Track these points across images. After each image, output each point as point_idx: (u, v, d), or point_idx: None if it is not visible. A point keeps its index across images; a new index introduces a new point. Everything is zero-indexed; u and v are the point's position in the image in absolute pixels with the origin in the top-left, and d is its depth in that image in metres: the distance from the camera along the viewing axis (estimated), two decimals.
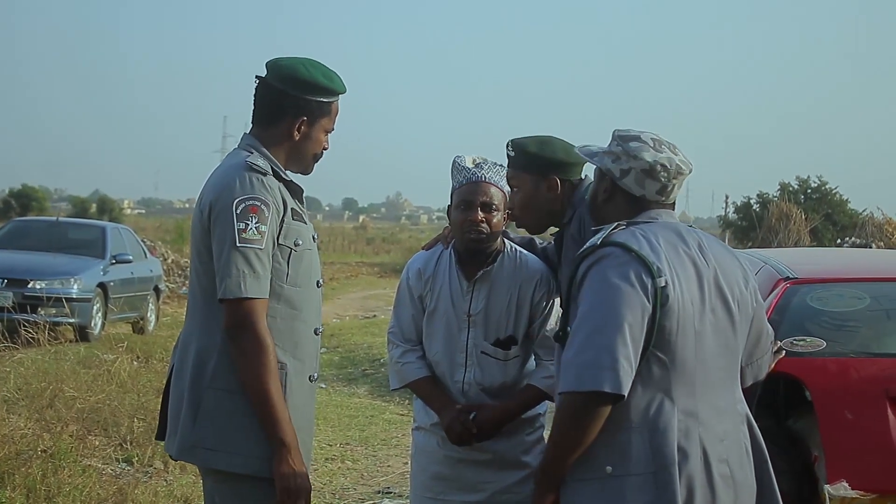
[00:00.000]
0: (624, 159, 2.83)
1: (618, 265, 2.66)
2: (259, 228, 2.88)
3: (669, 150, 2.84)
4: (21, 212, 35.52)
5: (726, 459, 2.73)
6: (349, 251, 48.10)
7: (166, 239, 28.84)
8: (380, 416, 9.47)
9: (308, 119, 3.05)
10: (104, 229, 15.64)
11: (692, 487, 2.65)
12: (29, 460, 6.06)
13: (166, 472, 6.64)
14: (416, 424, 3.78)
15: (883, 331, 4.46)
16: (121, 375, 9.12)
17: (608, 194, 2.88)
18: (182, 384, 2.98)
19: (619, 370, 2.57)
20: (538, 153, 3.54)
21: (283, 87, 3.03)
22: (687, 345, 2.68)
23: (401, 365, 3.66)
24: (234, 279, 2.85)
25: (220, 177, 2.98)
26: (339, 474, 7.25)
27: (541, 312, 3.64)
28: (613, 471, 2.65)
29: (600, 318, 2.62)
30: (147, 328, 15.68)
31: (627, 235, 2.73)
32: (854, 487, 3.91)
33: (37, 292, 12.86)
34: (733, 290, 2.80)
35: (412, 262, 3.76)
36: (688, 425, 2.67)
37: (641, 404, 2.66)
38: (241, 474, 2.91)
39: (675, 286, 2.66)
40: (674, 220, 2.87)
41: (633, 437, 2.66)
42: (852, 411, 4.04)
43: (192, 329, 3.02)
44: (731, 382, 2.82)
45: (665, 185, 2.83)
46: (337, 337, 15.58)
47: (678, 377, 2.68)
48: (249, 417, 2.89)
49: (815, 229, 23.32)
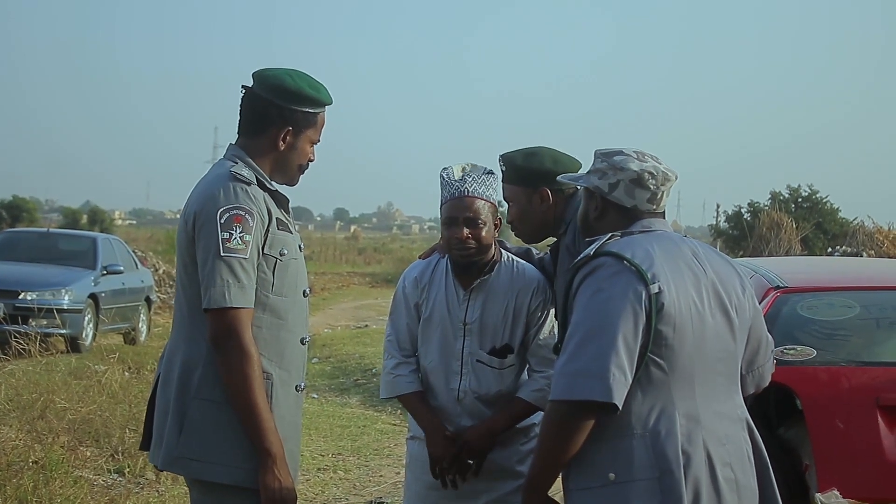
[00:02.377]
0: (611, 173, 2.87)
1: (610, 275, 2.68)
2: (243, 238, 2.88)
3: (653, 160, 2.89)
4: (11, 223, 35.39)
5: (730, 463, 2.74)
6: (340, 261, 47.99)
7: (157, 249, 28.74)
8: (372, 426, 9.46)
9: (293, 129, 3.05)
10: (95, 240, 15.64)
11: (698, 491, 2.66)
12: (20, 471, 6.05)
13: (158, 483, 6.63)
14: (410, 434, 3.78)
15: (873, 339, 4.47)
16: (112, 386, 9.10)
17: (599, 211, 2.91)
18: (168, 394, 2.97)
19: (609, 379, 2.58)
20: (525, 165, 3.56)
21: (268, 97, 3.03)
22: (686, 350, 2.69)
23: (393, 377, 3.67)
24: (219, 289, 2.84)
25: (205, 187, 2.98)
26: (332, 484, 7.25)
27: (536, 321, 3.65)
28: (617, 477, 2.66)
29: (592, 327, 2.64)
30: (138, 339, 15.66)
31: (620, 245, 2.76)
32: (845, 496, 3.92)
33: (28, 303, 12.85)
34: (731, 296, 2.82)
35: (409, 271, 3.77)
36: (690, 429, 2.68)
37: (643, 410, 2.67)
38: (226, 485, 2.90)
39: (669, 292, 2.67)
40: (668, 229, 2.90)
41: (635, 444, 2.66)
42: (843, 420, 4.05)
43: (177, 339, 3.02)
44: (731, 388, 2.84)
45: (654, 193, 2.86)
46: (329, 347, 15.55)
47: (678, 382, 2.69)
48: (235, 428, 2.88)
49: (805, 238, 23.37)
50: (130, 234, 42.18)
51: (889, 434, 4.02)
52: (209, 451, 2.90)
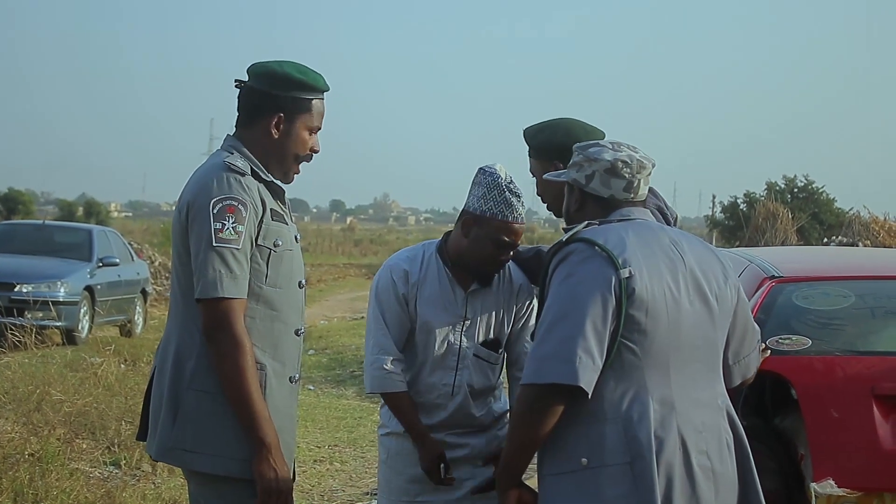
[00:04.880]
0: (586, 165, 2.90)
1: (581, 260, 2.72)
2: (236, 228, 2.88)
3: (629, 149, 2.91)
4: (7, 215, 35.34)
5: (706, 451, 2.74)
6: (337, 253, 47.99)
7: (153, 241, 28.71)
8: (368, 417, 9.45)
9: (285, 115, 3.04)
10: (91, 232, 15.64)
11: (671, 476, 2.66)
12: (16, 464, 6.05)
13: (154, 475, 6.63)
14: (386, 430, 3.73)
15: (868, 329, 4.47)
16: (108, 378, 9.11)
17: (578, 203, 2.94)
18: (162, 385, 2.97)
19: (575, 362, 2.60)
20: (537, 140, 3.55)
21: (258, 85, 3.04)
22: (660, 335, 2.70)
23: (386, 373, 3.57)
24: (211, 279, 2.84)
25: (199, 177, 2.99)
26: (328, 476, 7.26)
27: (520, 320, 3.69)
28: (589, 463, 2.67)
29: (561, 311, 2.67)
30: (134, 331, 15.67)
31: (594, 231, 2.78)
32: (840, 485, 3.92)
33: (23, 296, 12.86)
34: (711, 283, 2.83)
35: (397, 263, 3.69)
36: (664, 414, 2.69)
37: (615, 395, 2.68)
38: (221, 476, 2.90)
39: (641, 277, 2.69)
40: (647, 218, 2.91)
41: (606, 428, 2.67)
42: (838, 409, 4.05)
43: (171, 329, 3.02)
44: (710, 375, 2.83)
45: (630, 181, 2.88)
46: (325, 338, 15.56)
47: (651, 367, 2.70)
48: (229, 419, 2.88)
49: (801, 228, 23.38)
50: (126, 226, 42.08)
51: (884, 423, 4.02)
52: (203, 442, 2.90)
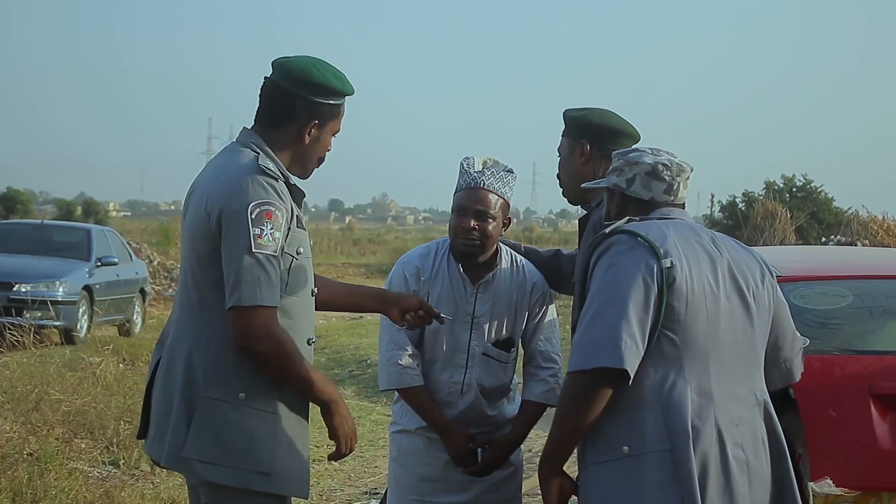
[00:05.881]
0: (626, 169, 2.97)
1: (623, 250, 2.78)
2: (274, 235, 2.80)
3: (667, 154, 2.98)
4: (6, 215, 35.30)
5: (741, 444, 2.79)
6: (335, 252, 47.91)
7: (152, 241, 28.69)
8: (366, 417, 9.46)
9: (319, 122, 2.98)
10: (89, 232, 15.63)
11: (706, 466, 2.71)
12: (15, 464, 6.05)
13: (153, 475, 6.63)
14: (398, 427, 3.75)
15: (866, 328, 4.47)
16: (107, 378, 9.11)
17: (619, 208, 3.00)
18: (171, 389, 2.89)
19: (620, 346, 2.65)
20: (573, 116, 3.60)
21: (295, 89, 2.94)
22: (698, 326, 2.76)
23: (401, 368, 3.59)
24: (250, 286, 2.76)
25: (229, 179, 2.86)
26: (326, 475, 7.26)
27: (535, 316, 3.67)
28: (631, 450, 2.72)
29: (605, 300, 2.73)
30: (133, 331, 15.67)
31: (636, 225, 2.85)
32: (838, 485, 3.92)
33: (22, 295, 12.86)
34: (748, 281, 2.89)
35: (409, 260, 3.71)
36: (701, 405, 2.74)
37: (654, 383, 2.73)
38: (238, 488, 2.84)
39: (682, 268, 2.75)
40: (687, 219, 2.98)
41: (647, 416, 2.72)
42: (836, 409, 4.05)
43: (181, 334, 2.92)
44: (749, 371, 2.88)
45: (671, 184, 2.95)
46: (324, 338, 15.55)
47: (690, 357, 2.75)
48: (244, 429, 2.83)
49: (800, 228, 23.41)
50: (125, 225, 42.06)
51: (882, 422, 4.02)
52: (218, 454, 2.83)
